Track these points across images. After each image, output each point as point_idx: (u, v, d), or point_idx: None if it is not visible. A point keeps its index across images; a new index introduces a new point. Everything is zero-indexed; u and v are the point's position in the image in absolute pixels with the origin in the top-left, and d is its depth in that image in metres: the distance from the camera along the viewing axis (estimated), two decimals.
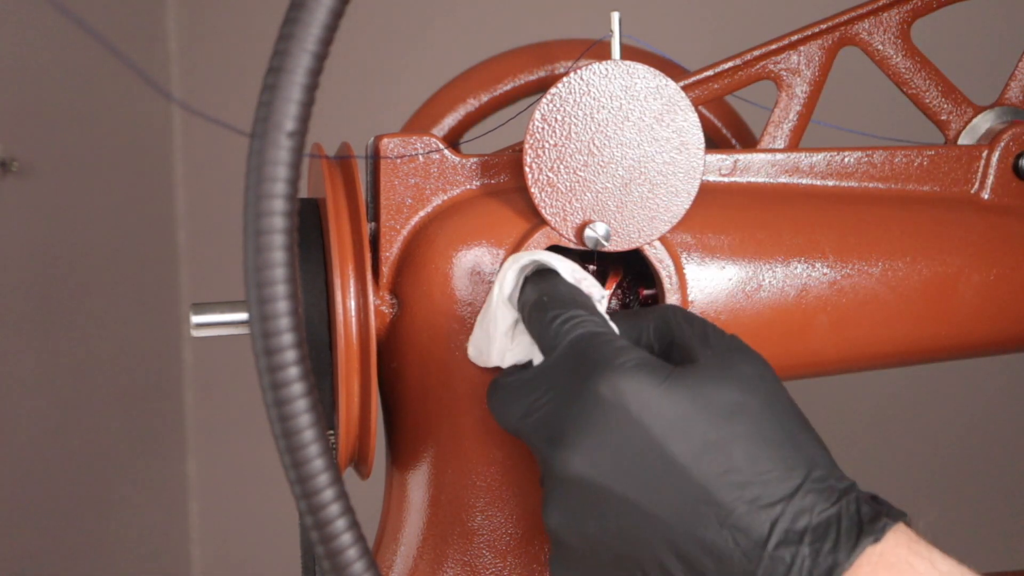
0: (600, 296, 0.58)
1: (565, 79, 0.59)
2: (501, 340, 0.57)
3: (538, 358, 0.57)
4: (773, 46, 0.67)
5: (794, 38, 0.67)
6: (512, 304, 0.58)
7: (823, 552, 0.47)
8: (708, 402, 0.50)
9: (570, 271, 0.58)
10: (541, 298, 0.56)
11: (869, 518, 0.48)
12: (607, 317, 0.56)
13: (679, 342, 0.54)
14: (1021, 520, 1.60)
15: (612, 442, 0.50)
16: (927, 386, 1.64)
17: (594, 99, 0.59)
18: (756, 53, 0.67)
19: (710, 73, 0.67)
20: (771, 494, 0.49)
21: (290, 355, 0.46)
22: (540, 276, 0.58)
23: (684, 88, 0.66)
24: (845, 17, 0.67)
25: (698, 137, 0.60)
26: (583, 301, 0.56)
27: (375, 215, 0.63)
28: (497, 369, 0.59)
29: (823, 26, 0.67)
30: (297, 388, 0.46)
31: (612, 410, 0.50)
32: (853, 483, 0.50)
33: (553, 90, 0.59)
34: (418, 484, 0.65)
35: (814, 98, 0.67)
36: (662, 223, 0.61)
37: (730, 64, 0.67)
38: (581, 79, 0.59)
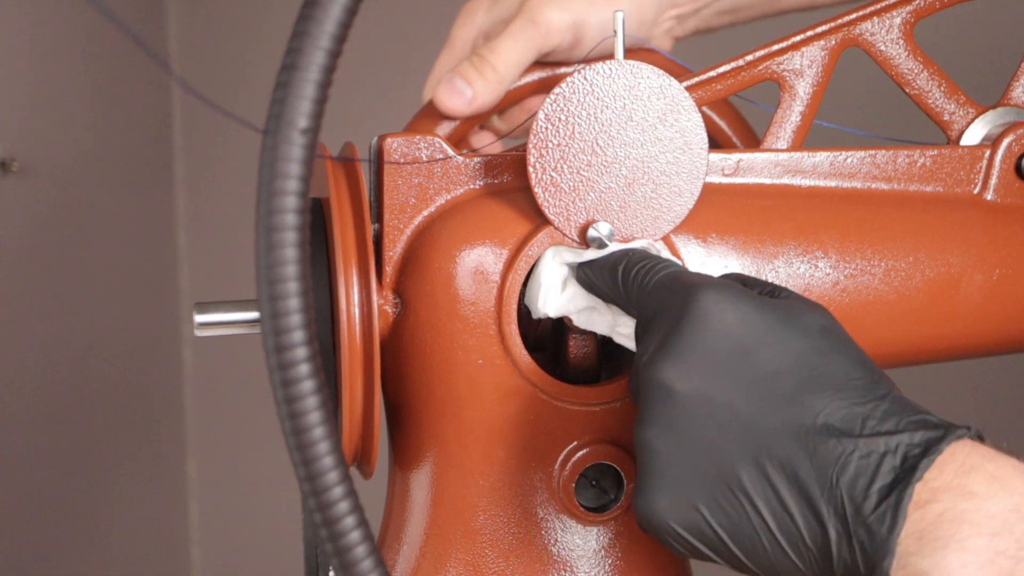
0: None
1: (569, 79, 0.59)
2: (550, 289, 0.60)
3: (583, 304, 0.60)
4: (776, 47, 0.67)
5: (797, 39, 0.67)
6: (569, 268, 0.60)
7: (915, 444, 0.48)
8: (799, 320, 0.52)
9: (651, 244, 0.61)
10: (624, 253, 0.58)
11: (948, 424, 0.49)
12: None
13: (752, 286, 0.56)
14: None
15: (712, 348, 0.51)
16: (929, 386, 1.63)
17: (598, 99, 0.59)
18: (759, 54, 0.67)
19: (713, 74, 0.67)
20: (862, 396, 0.50)
21: (301, 352, 0.46)
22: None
23: (687, 89, 0.66)
24: (848, 18, 0.67)
25: (701, 137, 0.60)
26: (663, 257, 0.58)
27: (379, 215, 0.63)
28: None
29: (826, 27, 0.67)
30: (308, 385, 0.46)
31: (713, 316, 0.52)
32: (926, 412, 0.51)
33: (557, 90, 0.59)
34: (421, 483, 0.65)
35: (817, 99, 0.67)
36: (665, 223, 0.61)
37: (733, 65, 0.67)
38: (585, 79, 0.59)
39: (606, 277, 0.58)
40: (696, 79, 0.67)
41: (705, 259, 0.63)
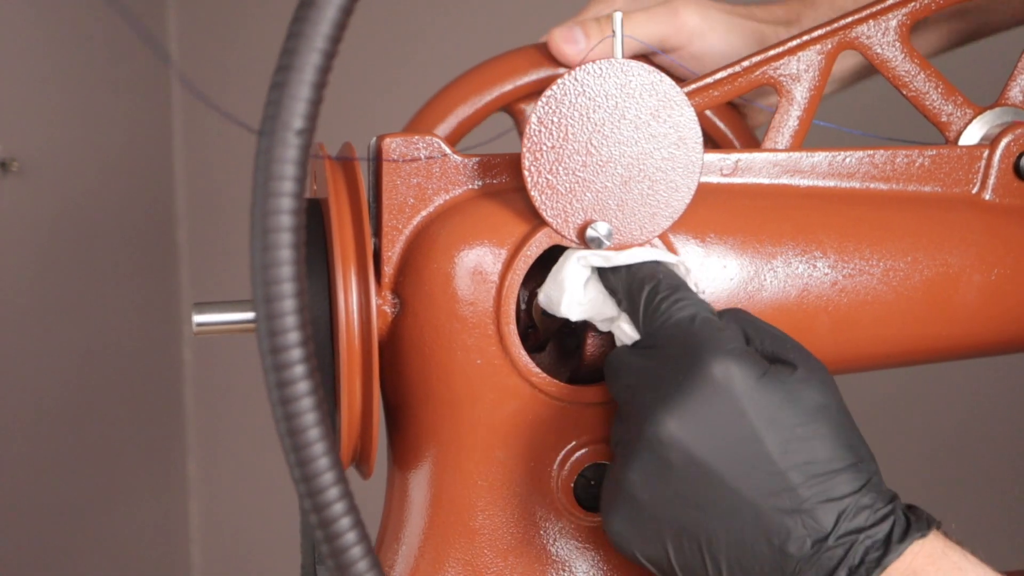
0: (699, 293, 0.62)
1: (560, 80, 0.59)
2: (573, 291, 0.60)
3: (609, 313, 0.60)
4: (772, 52, 0.67)
5: (793, 44, 0.67)
6: (590, 272, 0.60)
7: (876, 544, 0.52)
8: (798, 399, 0.54)
9: (683, 263, 0.61)
10: (656, 274, 0.59)
11: (915, 519, 0.54)
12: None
13: (755, 341, 0.58)
14: (1021, 520, 1.60)
15: (712, 416, 0.53)
16: (928, 386, 1.64)
17: (589, 99, 0.59)
18: (756, 59, 0.67)
19: (710, 80, 0.67)
20: (841, 489, 0.53)
21: (296, 353, 0.46)
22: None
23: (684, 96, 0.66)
24: (844, 21, 0.67)
25: (696, 132, 0.60)
26: (688, 287, 0.59)
27: (377, 215, 0.63)
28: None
29: (822, 31, 0.67)
30: (303, 386, 0.46)
31: (719, 388, 0.54)
32: (895, 502, 0.55)
33: (548, 92, 0.59)
34: (419, 484, 0.65)
35: (815, 103, 0.67)
36: (663, 219, 0.61)
37: (730, 71, 0.67)
38: (575, 80, 0.59)
39: (633, 292, 0.59)
40: (694, 85, 0.67)
41: (704, 259, 0.63)
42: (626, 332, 0.59)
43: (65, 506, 1.91)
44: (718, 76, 0.68)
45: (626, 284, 0.59)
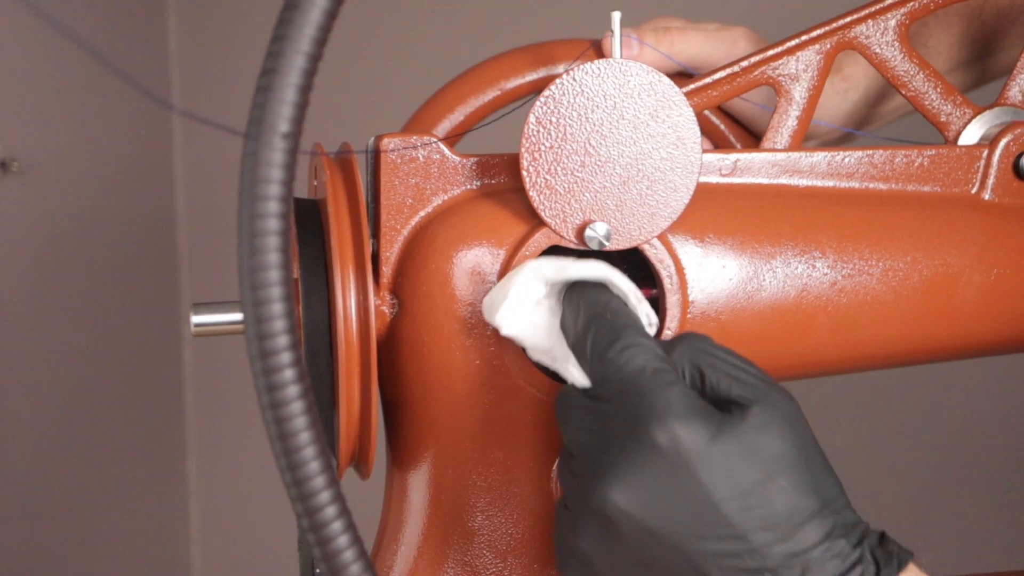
0: (650, 324, 0.58)
1: (558, 80, 0.59)
2: (515, 303, 0.58)
3: (556, 352, 0.57)
4: (771, 52, 0.67)
5: (792, 43, 0.67)
6: (548, 289, 0.58)
7: None
8: (755, 452, 0.52)
9: (633, 293, 0.58)
10: (603, 314, 0.56)
11: (885, 560, 0.51)
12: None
13: (710, 379, 0.55)
14: (1021, 520, 1.60)
15: (660, 485, 0.51)
16: (928, 386, 1.64)
17: (588, 99, 0.59)
18: (754, 59, 0.67)
19: (708, 80, 0.67)
20: (807, 540, 0.51)
21: (286, 357, 0.46)
22: (591, 285, 0.58)
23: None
24: (843, 21, 0.67)
25: (694, 132, 0.60)
26: (640, 327, 0.56)
27: (375, 215, 0.63)
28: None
29: (821, 31, 0.67)
30: (293, 390, 0.46)
31: (665, 456, 0.51)
32: (864, 522, 0.53)
33: (546, 92, 0.59)
34: (418, 484, 0.65)
35: (813, 102, 0.67)
36: (662, 219, 0.61)
37: (729, 71, 0.67)
38: (574, 80, 0.59)
39: (579, 335, 0.57)
40: (692, 85, 0.67)
41: (703, 259, 0.63)
42: (575, 377, 0.57)
43: (65, 506, 1.91)
44: (717, 76, 0.68)
45: (573, 323, 0.57)
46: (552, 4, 1.87)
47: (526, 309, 0.58)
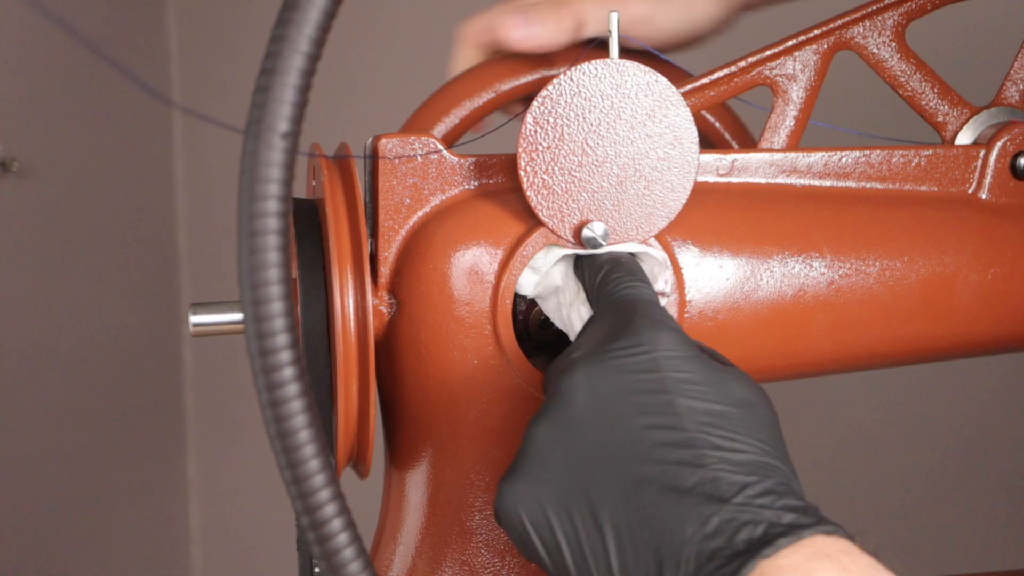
0: (663, 294, 0.63)
1: (555, 81, 0.59)
2: (536, 274, 0.61)
3: (566, 292, 0.61)
4: (768, 52, 0.67)
5: (789, 44, 0.67)
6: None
7: (781, 522, 0.47)
8: (728, 385, 0.51)
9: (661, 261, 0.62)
10: (619, 259, 0.60)
11: (825, 520, 0.48)
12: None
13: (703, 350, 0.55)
14: (1021, 520, 1.60)
15: (629, 378, 0.51)
16: (926, 385, 1.64)
17: (585, 99, 0.59)
18: (751, 60, 0.67)
19: (706, 80, 0.67)
20: (750, 470, 0.48)
21: (285, 356, 0.46)
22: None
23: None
24: (840, 22, 0.67)
25: (691, 132, 0.60)
26: (645, 277, 0.59)
27: (373, 215, 0.63)
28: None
29: (818, 31, 0.67)
30: (292, 389, 0.46)
31: (643, 351, 0.52)
32: (811, 505, 0.50)
33: (544, 92, 0.59)
34: (416, 483, 0.65)
35: (811, 103, 0.68)
36: (659, 219, 0.61)
37: (726, 71, 0.67)
38: (571, 80, 0.59)
39: (592, 271, 0.59)
40: (690, 86, 0.67)
41: (700, 259, 0.63)
42: (583, 316, 0.60)
43: (65, 505, 1.91)
44: (714, 76, 0.68)
45: (591, 265, 0.60)
46: None
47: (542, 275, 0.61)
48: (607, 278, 0.58)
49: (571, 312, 0.60)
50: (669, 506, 0.48)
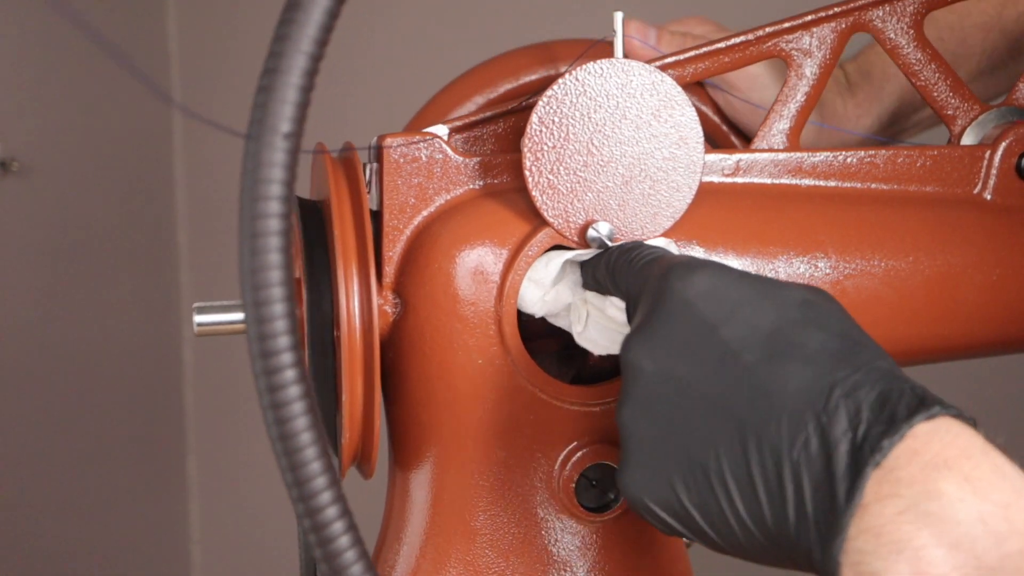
0: None
1: (560, 80, 0.59)
2: (538, 289, 0.61)
3: (572, 297, 0.61)
4: (787, 24, 0.67)
5: (808, 18, 0.67)
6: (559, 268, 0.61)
7: (884, 414, 0.45)
8: (777, 293, 0.51)
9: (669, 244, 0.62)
10: (622, 244, 0.59)
11: (927, 400, 0.46)
12: None
13: None
14: None
15: (679, 329, 0.51)
16: (929, 385, 1.63)
17: (590, 99, 0.59)
18: (769, 30, 0.67)
19: (721, 46, 0.67)
20: (832, 367, 0.47)
21: (287, 357, 0.45)
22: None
23: (695, 60, 0.66)
24: (861, 2, 0.67)
25: (697, 131, 0.60)
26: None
27: (378, 215, 0.63)
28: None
29: (838, 9, 0.67)
30: (294, 390, 0.46)
31: (684, 297, 0.51)
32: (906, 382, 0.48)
33: (549, 92, 0.59)
34: (421, 484, 0.65)
35: (823, 80, 0.67)
36: (665, 219, 0.61)
37: (742, 39, 0.67)
38: (576, 79, 0.59)
39: (601, 266, 0.59)
40: (704, 49, 0.67)
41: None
42: (614, 315, 0.59)
43: (65, 506, 1.91)
44: (730, 43, 0.67)
45: (598, 262, 0.59)
46: (555, 4, 1.87)
47: (547, 288, 0.61)
48: (620, 260, 0.57)
49: (599, 317, 0.60)
50: (765, 437, 0.47)
